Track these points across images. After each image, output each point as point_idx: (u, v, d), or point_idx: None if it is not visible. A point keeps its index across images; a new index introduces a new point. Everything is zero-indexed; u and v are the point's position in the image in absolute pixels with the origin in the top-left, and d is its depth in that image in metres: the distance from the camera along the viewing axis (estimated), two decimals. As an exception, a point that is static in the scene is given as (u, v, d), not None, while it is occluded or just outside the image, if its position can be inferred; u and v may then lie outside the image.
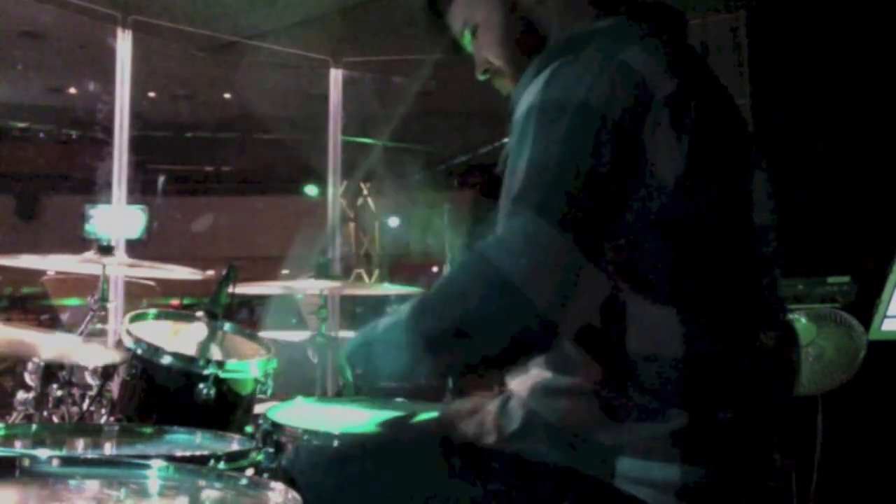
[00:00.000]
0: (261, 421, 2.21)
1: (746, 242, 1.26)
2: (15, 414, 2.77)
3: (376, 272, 10.49)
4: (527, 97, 1.24)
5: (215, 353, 2.62)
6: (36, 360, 2.65)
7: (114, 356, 2.36)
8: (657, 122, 1.19)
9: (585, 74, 1.20)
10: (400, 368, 1.25)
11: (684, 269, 1.20)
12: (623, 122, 1.17)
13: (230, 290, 2.68)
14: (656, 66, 1.22)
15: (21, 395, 2.77)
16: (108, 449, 1.87)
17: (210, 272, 3.71)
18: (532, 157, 1.18)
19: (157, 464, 1.18)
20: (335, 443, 2.02)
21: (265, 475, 1.89)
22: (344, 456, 1.46)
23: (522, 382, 1.30)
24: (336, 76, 5.84)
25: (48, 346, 2.02)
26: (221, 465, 1.64)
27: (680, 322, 1.19)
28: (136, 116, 5.23)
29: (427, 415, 1.90)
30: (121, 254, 4.32)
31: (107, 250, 2.98)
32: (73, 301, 5.67)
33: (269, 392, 2.60)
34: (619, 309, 1.20)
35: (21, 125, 11.24)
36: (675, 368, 1.19)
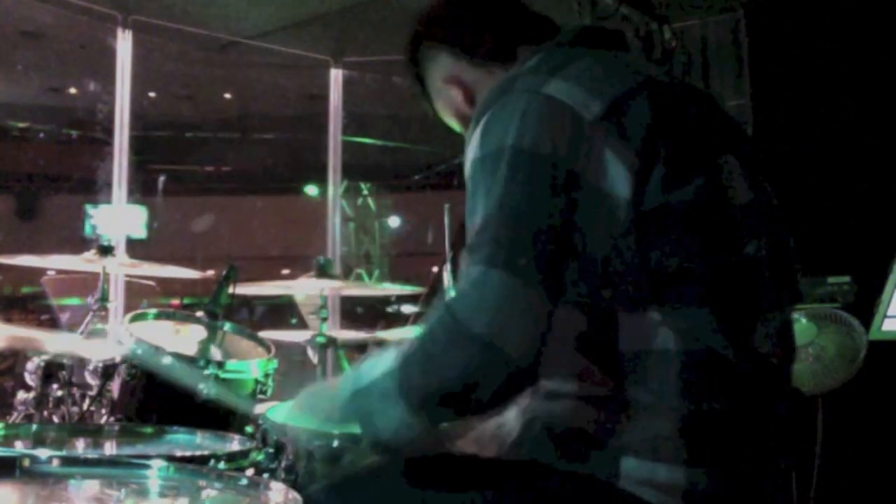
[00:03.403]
0: (261, 421, 2.21)
1: (725, 227, 1.26)
2: (15, 414, 2.78)
3: (376, 272, 10.49)
4: (470, 152, 1.28)
5: (215, 353, 2.62)
6: (37, 358, 2.65)
7: (116, 352, 2.35)
8: (593, 144, 1.20)
9: (513, 118, 1.23)
10: (396, 424, 1.22)
11: (661, 269, 1.20)
12: (557, 155, 1.20)
13: (230, 290, 2.69)
14: (580, 90, 1.24)
15: (21, 395, 2.77)
16: (109, 449, 1.87)
17: (210, 272, 3.71)
18: (483, 210, 1.20)
19: (157, 464, 1.18)
20: (335, 443, 2.02)
21: (265, 475, 1.89)
22: (346, 475, 1.45)
23: None
24: (336, 76, 5.84)
25: (50, 342, 2.02)
26: (221, 465, 1.64)
27: (665, 322, 1.20)
28: (136, 116, 5.23)
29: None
30: (121, 254, 4.32)
31: (107, 250, 2.97)
32: (73, 301, 5.66)
33: (269, 392, 2.60)
34: (606, 316, 1.21)
35: (21, 125, 11.23)
36: (668, 364, 1.19)
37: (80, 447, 1.84)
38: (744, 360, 1.23)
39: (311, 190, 10.53)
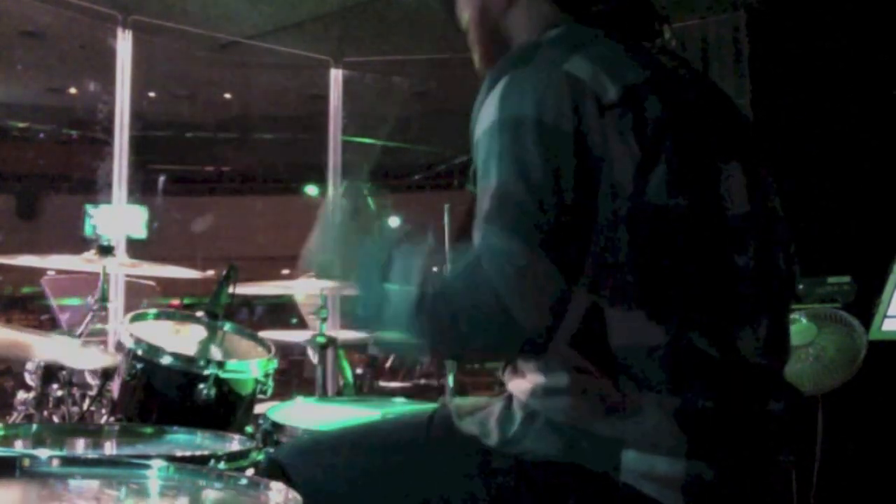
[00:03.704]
0: (261, 421, 2.21)
1: (717, 235, 1.26)
2: (15, 414, 2.77)
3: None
4: (484, 113, 1.27)
5: (215, 353, 2.62)
6: (35, 361, 2.65)
7: (111, 360, 2.35)
8: (606, 127, 1.20)
9: (534, 89, 1.23)
10: (403, 337, 1.28)
11: (653, 265, 1.21)
12: (577, 132, 1.19)
13: (230, 290, 2.69)
14: (600, 71, 1.24)
15: (21, 395, 2.77)
16: (109, 449, 1.86)
17: (210, 272, 3.71)
18: (499, 176, 1.19)
19: (157, 464, 1.18)
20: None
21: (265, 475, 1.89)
22: (339, 447, 1.46)
23: (520, 385, 1.31)
24: (336, 76, 5.84)
25: (47, 348, 2.01)
26: (221, 465, 1.64)
27: (652, 318, 1.21)
28: (136, 116, 5.23)
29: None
30: (121, 254, 4.32)
31: (107, 250, 2.97)
32: (73, 301, 5.66)
33: (269, 392, 2.60)
34: (600, 308, 1.22)
35: (21, 125, 11.24)
36: (657, 360, 1.20)
37: (80, 447, 1.83)
38: (729, 360, 1.23)
39: (311, 190, 10.53)
